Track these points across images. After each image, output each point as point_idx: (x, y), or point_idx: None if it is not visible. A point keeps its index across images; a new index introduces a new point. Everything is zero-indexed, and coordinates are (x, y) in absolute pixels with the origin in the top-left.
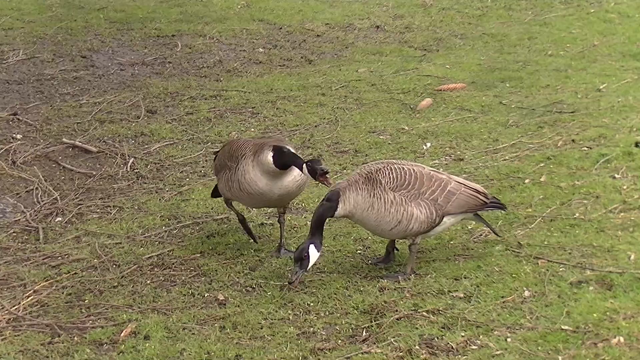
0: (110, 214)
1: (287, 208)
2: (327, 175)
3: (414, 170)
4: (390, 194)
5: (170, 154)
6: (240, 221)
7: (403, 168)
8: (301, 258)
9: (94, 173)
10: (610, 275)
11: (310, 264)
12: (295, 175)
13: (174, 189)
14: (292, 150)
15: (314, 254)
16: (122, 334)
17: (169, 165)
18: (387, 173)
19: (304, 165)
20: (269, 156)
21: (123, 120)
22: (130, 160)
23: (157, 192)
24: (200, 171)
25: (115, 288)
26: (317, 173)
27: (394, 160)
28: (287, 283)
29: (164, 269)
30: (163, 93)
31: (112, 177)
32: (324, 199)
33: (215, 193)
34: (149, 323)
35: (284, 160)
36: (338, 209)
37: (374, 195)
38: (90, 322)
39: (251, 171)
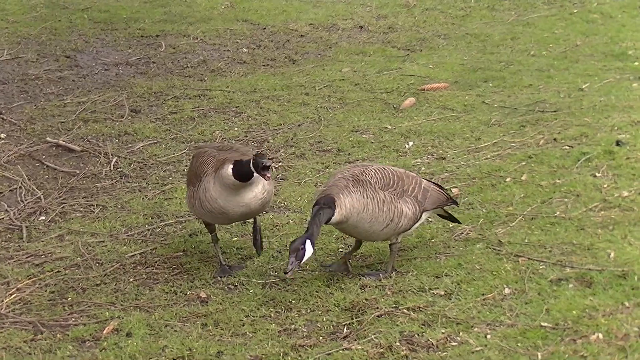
0: (94, 212)
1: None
2: (268, 170)
3: (392, 169)
4: (381, 193)
5: (154, 153)
6: (213, 241)
7: (384, 168)
8: (297, 249)
9: (78, 172)
10: (590, 273)
11: (306, 257)
12: (256, 192)
13: (157, 188)
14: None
15: (309, 248)
16: (104, 331)
17: (152, 164)
18: (373, 174)
19: (251, 159)
20: (228, 169)
21: (107, 120)
22: (114, 160)
23: (140, 191)
24: (184, 170)
25: (98, 286)
26: (259, 166)
27: (366, 163)
28: (283, 273)
29: (147, 267)
30: (147, 93)
31: (95, 176)
32: (318, 203)
33: None
34: (131, 320)
35: (242, 171)
36: (335, 214)
37: (367, 196)
38: (73, 319)
39: (211, 188)
